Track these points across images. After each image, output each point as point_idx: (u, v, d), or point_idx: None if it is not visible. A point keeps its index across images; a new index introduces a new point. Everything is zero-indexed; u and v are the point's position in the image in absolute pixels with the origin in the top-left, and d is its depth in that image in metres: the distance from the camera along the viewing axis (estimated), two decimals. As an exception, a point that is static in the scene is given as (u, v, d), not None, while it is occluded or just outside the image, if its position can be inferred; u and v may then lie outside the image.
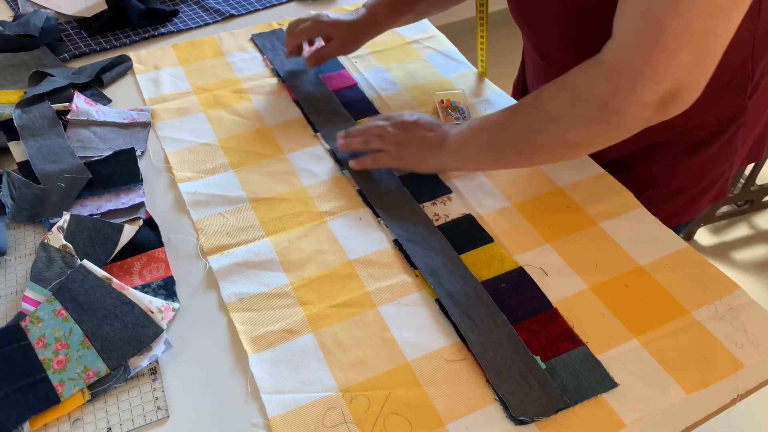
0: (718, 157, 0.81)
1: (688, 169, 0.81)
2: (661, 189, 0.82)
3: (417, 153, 0.76)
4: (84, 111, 0.82)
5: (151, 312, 0.58)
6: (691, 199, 0.85)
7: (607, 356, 0.59)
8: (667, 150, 0.79)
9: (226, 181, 0.78)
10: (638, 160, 0.81)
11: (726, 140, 0.79)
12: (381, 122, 0.79)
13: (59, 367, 0.55)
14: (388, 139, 0.77)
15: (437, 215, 0.74)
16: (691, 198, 0.84)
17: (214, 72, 0.97)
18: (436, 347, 0.60)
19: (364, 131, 0.78)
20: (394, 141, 0.76)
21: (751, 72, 0.73)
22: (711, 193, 0.85)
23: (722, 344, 0.60)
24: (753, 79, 0.74)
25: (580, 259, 0.68)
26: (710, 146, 0.79)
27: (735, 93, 0.75)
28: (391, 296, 0.65)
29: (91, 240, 0.64)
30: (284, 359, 0.59)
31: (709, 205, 0.88)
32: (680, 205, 0.85)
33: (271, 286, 0.66)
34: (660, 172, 0.81)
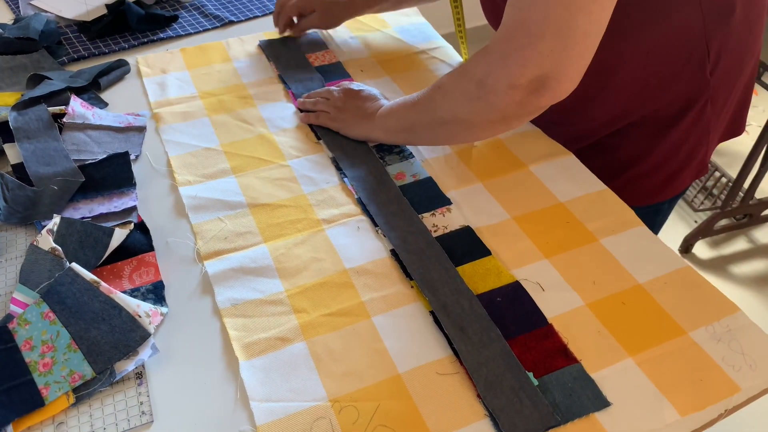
0: (690, 133, 0.84)
1: (663, 146, 0.84)
2: (640, 167, 0.86)
3: (351, 119, 0.84)
4: (80, 114, 0.83)
5: (139, 316, 0.58)
6: (672, 175, 0.87)
7: (601, 375, 0.59)
8: (640, 130, 0.83)
9: (227, 186, 0.78)
10: (616, 140, 0.85)
11: (695, 116, 0.82)
12: (333, 88, 0.89)
13: (45, 369, 0.55)
14: (331, 103, 0.86)
15: (436, 226, 0.73)
16: (671, 174, 0.87)
17: (220, 77, 0.97)
18: (428, 360, 0.60)
19: (316, 93, 0.90)
20: (335, 105, 0.86)
21: (706, 48, 0.76)
22: (691, 168, 0.88)
23: (719, 366, 0.59)
24: (709, 55, 0.76)
25: (578, 276, 0.68)
26: (680, 123, 0.82)
27: (694, 69, 0.77)
28: (385, 307, 0.64)
29: (81, 243, 0.64)
30: (275, 367, 0.59)
31: (691, 180, 0.90)
32: (661, 181, 0.88)
33: (266, 293, 0.66)
34: (637, 150, 0.85)
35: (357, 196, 0.77)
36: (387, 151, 0.84)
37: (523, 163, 0.82)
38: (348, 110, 0.85)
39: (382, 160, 0.82)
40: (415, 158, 0.83)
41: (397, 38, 1.07)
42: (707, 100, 0.81)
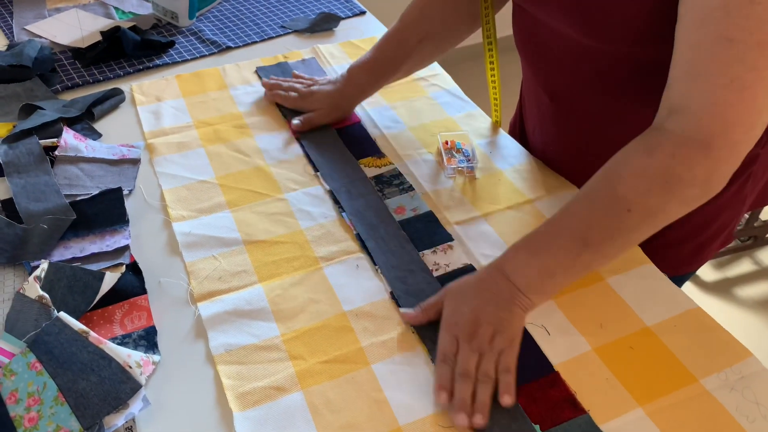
0: (726, 206, 0.80)
1: (697, 218, 0.78)
2: (669, 237, 0.79)
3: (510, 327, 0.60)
4: (72, 146, 0.81)
5: (129, 367, 0.56)
6: (699, 247, 0.83)
7: (611, 426, 0.56)
8: None
9: (222, 222, 0.76)
10: None
11: (736, 189, 0.78)
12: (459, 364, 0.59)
13: (30, 425, 0.53)
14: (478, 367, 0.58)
15: (437, 264, 0.71)
16: (698, 245, 0.83)
17: (216, 105, 0.96)
18: (430, 411, 0.57)
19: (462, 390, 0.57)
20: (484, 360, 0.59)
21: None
22: (718, 240, 0.84)
23: (733, 417, 0.57)
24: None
25: (585, 318, 0.65)
26: (720, 196, 0.76)
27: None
28: (386, 353, 0.62)
29: (70, 288, 0.61)
30: (271, 419, 0.57)
31: (716, 251, 0.86)
32: (688, 253, 0.84)
33: (261, 338, 0.63)
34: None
35: (356, 232, 0.75)
36: (386, 184, 0.82)
37: (526, 197, 0.80)
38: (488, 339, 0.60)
39: (381, 193, 0.80)
40: (415, 191, 0.81)
41: (396, 64, 1.06)
42: (750, 174, 0.77)
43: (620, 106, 0.70)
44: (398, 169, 0.84)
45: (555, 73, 0.76)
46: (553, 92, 0.79)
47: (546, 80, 0.79)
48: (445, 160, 0.84)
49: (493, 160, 0.86)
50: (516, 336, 0.60)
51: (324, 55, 1.07)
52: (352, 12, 1.20)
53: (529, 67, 0.81)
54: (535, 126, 0.87)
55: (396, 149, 0.88)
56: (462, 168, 0.84)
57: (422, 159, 0.86)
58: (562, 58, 0.72)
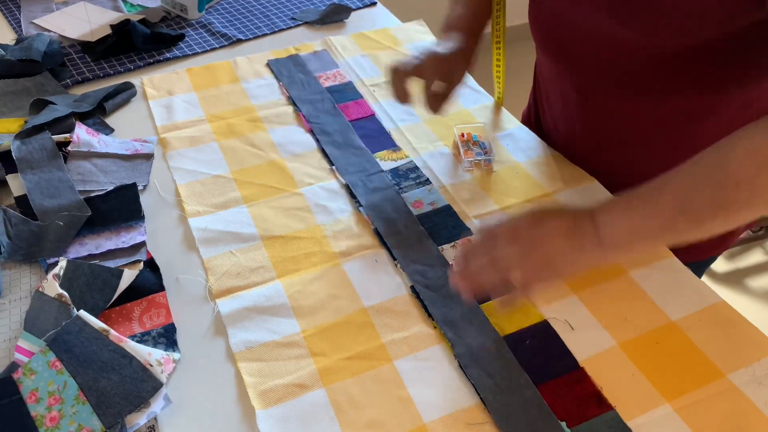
0: None
1: None
2: None
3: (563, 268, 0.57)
4: (85, 142, 0.80)
5: (150, 365, 0.55)
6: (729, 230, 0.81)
7: (638, 423, 0.55)
8: None
9: (238, 217, 0.75)
10: None
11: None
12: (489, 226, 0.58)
13: (52, 424, 0.52)
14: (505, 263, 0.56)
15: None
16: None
17: (228, 99, 0.95)
18: (455, 408, 0.57)
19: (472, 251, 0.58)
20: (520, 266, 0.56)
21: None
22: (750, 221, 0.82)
23: (762, 412, 0.56)
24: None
25: (609, 312, 0.64)
26: None
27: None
28: (408, 349, 0.61)
29: (89, 286, 0.61)
30: (294, 416, 0.56)
31: (745, 230, 0.84)
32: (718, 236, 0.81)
33: (282, 334, 0.63)
34: None
35: (373, 227, 0.74)
36: (403, 177, 0.81)
37: (545, 190, 0.79)
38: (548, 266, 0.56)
39: (398, 186, 0.80)
40: (432, 184, 0.80)
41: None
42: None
43: (653, 99, 0.68)
44: (414, 163, 0.83)
45: (584, 68, 0.73)
46: (581, 87, 0.76)
47: (573, 75, 0.76)
48: (462, 152, 0.83)
49: (510, 153, 0.85)
50: (559, 277, 0.58)
51: (336, 47, 1.06)
52: (363, 3, 1.19)
53: (552, 62, 0.79)
54: (558, 119, 0.86)
55: (412, 142, 0.87)
56: (479, 161, 0.82)
57: (439, 152, 0.85)
58: (592, 54, 0.69)
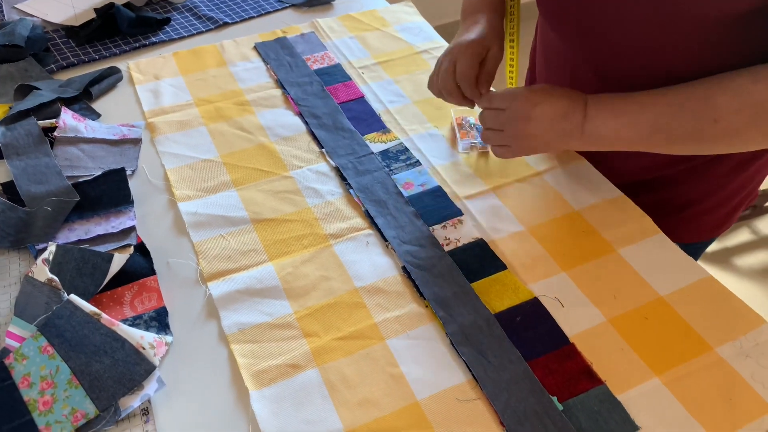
0: (763, 170, 0.79)
1: (733, 184, 0.79)
2: (707, 203, 0.80)
3: (543, 144, 0.67)
4: (72, 127, 0.79)
5: (143, 348, 0.55)
6: (733, 209, 0.83)
7: (628, 396, 0.56)
8: (719, 166, 0.76)
9: (228, 201, 0.75)
10: (690, 176, 0.77)
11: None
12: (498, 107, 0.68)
13: (45, 408, 0.52)
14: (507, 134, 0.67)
15: (448, 239, 0.70)
16: (732, 208, 0.83)
17: (216, 82, 0.94)
18: (447, 385, 0.57)
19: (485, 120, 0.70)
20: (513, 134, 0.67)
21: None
22: (747, 200, 0.84)
23: (749, 385, 0.57)
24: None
25: (598, 289, 0.65)
26: (758, 161, 0.77)
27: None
28: (400, 328, 0.62)
29: (79, 271, 0.61)
30: (287, 396, 0.56)
31: (743, 211, 0.85)
32: (722, 216, 0.83)
33: (274, 316, 0.63)
34: (710, 187, 0.78)
35: (364, 209, 0.74)
36: (393, 159, 0.81)
37: (534, 169, 0.79)
38: (537, 136, 0.66)
39: (388, 168, 0.79)
40: (422, 166, 0.80)
41: (397, 37, 1.04)
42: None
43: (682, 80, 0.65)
44: (404, 144, 0.83)
45: (607, 50, 0.69)
46: (605, 73, 0.72)
47: (596, 60, 0.72)
48: (458, 135, 0.83)
49: (499, 133, 0.85)
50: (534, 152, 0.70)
51: (323, 29, 1.05)
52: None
53: (570, 46, 0.74)
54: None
55: (401, 124, 0.86)
56: (476, 144, 0.82)
57: (428, 134, 0.85)
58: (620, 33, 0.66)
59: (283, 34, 1.04)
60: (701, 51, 0.61)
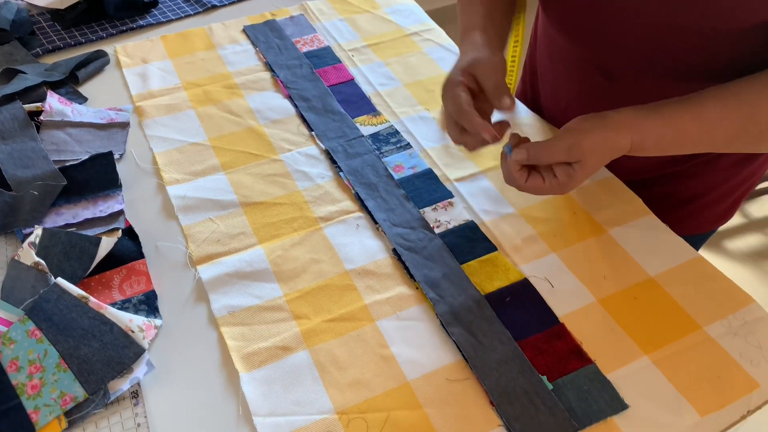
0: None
1: (738, 177, 0.78)
2: (711, 196, 0.79)
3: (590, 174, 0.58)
4: (58, 111, 0.78)
5: (132, 331, 0.55)
6: (735, 201, 0.83)
7: (617, 375, 0.56)
8: (725, 160, 0.75)
9: (217, 184, 0.75)
10: (695, 171, 0.76)
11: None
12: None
13: (34, 392, 0.52)
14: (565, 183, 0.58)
15: (438, 221, 0.70)
16: (735, 200, 0.83)
17: (204, 66, 0.93)
18: (437, 366, 0.57)
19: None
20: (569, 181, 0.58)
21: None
22: (749, 191, 0.84)
23: (737, 362, 0.57)
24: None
25: (588, 270, 0.65)
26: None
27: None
28: (390, 310, 0.62)
29: (66, 254, 0.60)
30: (278, 378, 0.56)
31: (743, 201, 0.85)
32: (725, 208, 0.83)
33: (264, 299, 0.63)
34: (715, 180, 0.77)
35: (354, 191, 0.74)
36: (383, 142, 0.80)
37: (525, 151, 0.79)
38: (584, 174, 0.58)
39: (378, 151, 0.79)
40: (413, 148, 0.79)
41: (387, 19, 1.03)
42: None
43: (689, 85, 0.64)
44: (395, 127, 0.83)
45: (618, 53, 0.67)
46: (611, 71, 0.70)
47: (602, 59, 0.70)
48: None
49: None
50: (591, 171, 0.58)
51: (313, 11, 1.04)
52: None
53: (574, 44, 0.72)
54: (571, 101, 0.79)
55: (392, 107, 0.86)
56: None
57: (419, 116, 0.84)
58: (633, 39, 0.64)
59: (272, 16, 1.03)
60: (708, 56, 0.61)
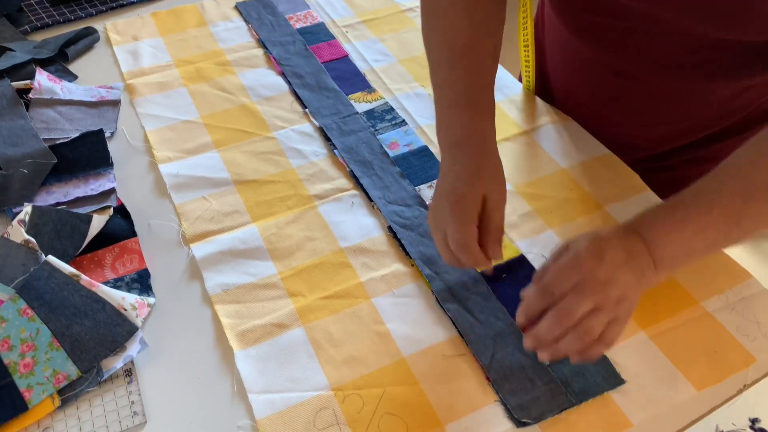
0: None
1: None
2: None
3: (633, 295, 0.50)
4: (47, 89, 0.77)
5: (124, 309, 0.54)
6: None
7: (614, 350, 0.56)
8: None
9: (210, 162, 0.74)
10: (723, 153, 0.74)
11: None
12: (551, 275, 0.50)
13: (26, 370, 0.51)
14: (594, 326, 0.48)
15: (434, 198, 0.69)
16: None
17: (196, 43, 0.91)
18: (433, 342, 0.57)
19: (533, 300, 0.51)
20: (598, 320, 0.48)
21: None
22: None
23: (734, 337, 0.57)
24: None
25: (585, 246, 0.65)
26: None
27: None
28: (385, 287, 0.61)
29: (57, 232, 0.59)
30: (273, 355, 0.56)
31: None
32: None
33: (259, 276, 0.62)
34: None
35: (349, 169, 0.73)
36: (378, 119, 0.79)
37: (521, 128, 0.78)
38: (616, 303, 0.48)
39: (373, 128, 0.78)
40: (408, 126, 0.78)
41: (382, -4, 1.01)
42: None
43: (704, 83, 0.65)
44: (390, 104, 0.81)
45: (632, 55, 0.66)
46: (622, 71, 0.69)
47: (614, 59, 0.68)
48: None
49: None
50: (632, 311, 0.50)
51: (306, -12, 1.02)
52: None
53: (585, 44, 0.70)
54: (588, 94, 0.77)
55: (387, 83, 0.85)
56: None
57: (414, 93, 0.83)
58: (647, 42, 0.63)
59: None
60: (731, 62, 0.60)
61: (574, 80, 0.78)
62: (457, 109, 0.58)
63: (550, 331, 0.48)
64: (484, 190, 0.54)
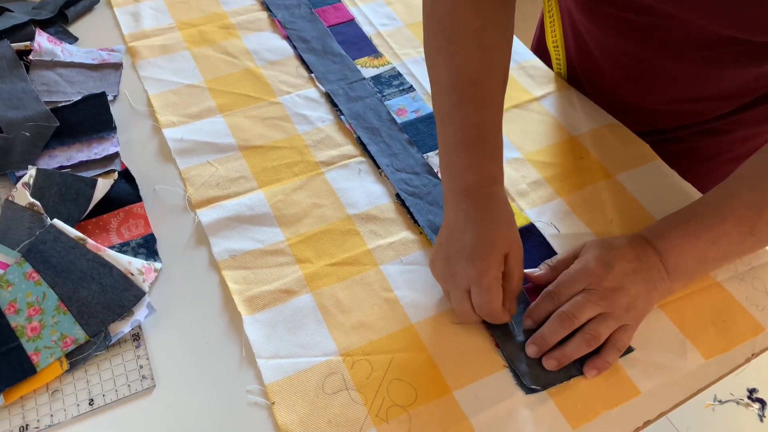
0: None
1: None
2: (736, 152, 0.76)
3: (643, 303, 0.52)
4: (48, 50, 0.75)
5: (131, 274, 0.54)
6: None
7: (622, 319, 0.56)
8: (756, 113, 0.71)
9: (214, 127, 0.72)
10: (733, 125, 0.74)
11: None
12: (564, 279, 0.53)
13: (34, 334, 0.51)
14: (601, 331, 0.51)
15: (442, 166, 0.69)
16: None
17: (199, 5, 0.89)
18: (442, 309, 0.57)
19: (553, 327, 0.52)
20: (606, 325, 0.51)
21: None
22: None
23: (743, 307, 0.57)
24: None
25: (594, 215, 0.64)
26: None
27: None
28: (394, 254, 0.61)
29: (62, 196, 0.58)
30: (281, 321, 0.56)
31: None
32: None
33: (266, 243, 0.62)
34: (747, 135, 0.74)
35: (356, 135, 0.72)
36: (385, 85, 0.78)
37: (532, 95, 0.77)
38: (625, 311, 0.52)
39: (381, 94, 0.77)
40: (416, 91, 0.77)
41: (389, -42, 0.99)
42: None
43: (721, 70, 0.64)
44: (397, 69, 0.80)
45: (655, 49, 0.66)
46: (646, 60, 0.68)
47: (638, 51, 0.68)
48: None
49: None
50: (642, 319, 0.53)
51: (311, -51, 1.00)
52: None
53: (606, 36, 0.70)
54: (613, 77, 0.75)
55: (394, 48, 0.83)
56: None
57: (422, 58, 0.82)
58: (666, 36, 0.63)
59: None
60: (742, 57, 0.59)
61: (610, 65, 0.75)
62: (466, 152, 0.56)
63: (553, 331, 0.52)
64: (505, 250, 0.53)
